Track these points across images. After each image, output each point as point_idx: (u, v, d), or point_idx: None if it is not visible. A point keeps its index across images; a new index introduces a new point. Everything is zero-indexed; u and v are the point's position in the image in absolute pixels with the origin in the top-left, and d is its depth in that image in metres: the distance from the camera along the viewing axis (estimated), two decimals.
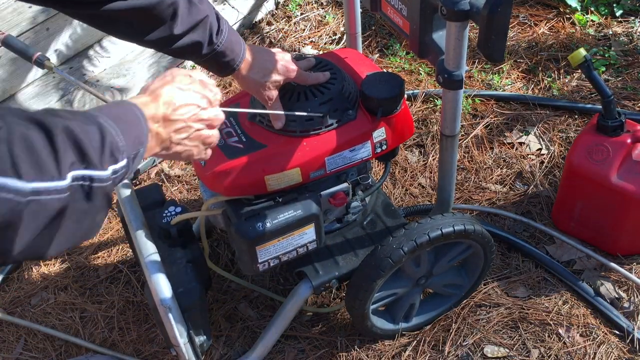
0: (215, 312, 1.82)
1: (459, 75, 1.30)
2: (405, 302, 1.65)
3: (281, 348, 1.73)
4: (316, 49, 2.72)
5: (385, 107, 1.41)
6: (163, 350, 1.76)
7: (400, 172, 2.18)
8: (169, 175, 2.25)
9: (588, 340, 1.68)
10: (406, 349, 1.69)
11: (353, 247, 1.60)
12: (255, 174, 1.35)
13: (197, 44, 1.19)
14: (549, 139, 2.20)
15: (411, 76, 2.52)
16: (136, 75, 2.46)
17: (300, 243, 1.43)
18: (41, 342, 1.81)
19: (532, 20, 2.71)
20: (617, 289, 1.78)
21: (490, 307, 1.77)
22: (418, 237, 1.44)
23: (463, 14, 1.18)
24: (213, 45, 1.21)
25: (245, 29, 2.86)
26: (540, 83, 2.42)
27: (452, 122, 1.43)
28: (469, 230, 1.49)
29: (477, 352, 1.68)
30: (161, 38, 1.16)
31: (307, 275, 1.53)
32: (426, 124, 2.31)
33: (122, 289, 1.92)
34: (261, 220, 1.35)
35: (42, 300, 1.92)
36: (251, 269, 1.42)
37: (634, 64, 2.43)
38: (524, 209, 2.02)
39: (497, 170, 2.15)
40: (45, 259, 1.14)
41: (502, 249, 1.92)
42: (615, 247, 1.84)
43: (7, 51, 1.96)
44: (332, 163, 1.40)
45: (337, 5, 2.90)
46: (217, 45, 1.21)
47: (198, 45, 1.19)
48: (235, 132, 1.42)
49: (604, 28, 2.61)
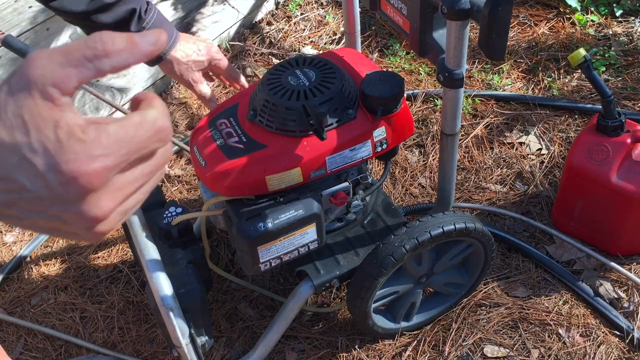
0: (215, 313, 1.82)
1: (460, 74, 1.31)
2: (407, 300, 1.65)
3: (281, 348, 1.73)
4: (316, 49, 2.72)
5: (385, 106, 1.41)
6: (163, 351, 1.76)
7: (400, 172, 2.18)
8: (169, 176, 2.25)
9: (588, 341, 1.68)
10: (406, 349, 1.69)
11: (354, 246, 1.60)
12: (256, 174, 1.35)
13: (126, 17, 1.17)
14: (549, 139, 2.20)
15: (411, 76, 2.52)
16: (136, 75, 2.46)
17: (301, 242, 1.43)
18: (41, 342, 1.81)
19: (532, 20, 2.71)
20: (617, 289, 1.78)
21: (490, 307, 1.77)
22: (420, 235, 1.44)
23: (464, 12, 1.18)
24: (142, 22, 1.19)
25: (245, 29, 2.86)
26: (540, 83, 2.42)
27: (452, 120, 1.43)
28: (470, 228, 1.49)
29: (477, 352, 1.68)
30: (91, 4, 1.13)
31: (308, 275, 1.53)
32: (426, 123, 2.31)
33: (122, 289, 1.92)
34: (262, 220, 1.35)
35: (42, 300, 1.92)
36: (252, 269, 1.41)
37: (634, 64, 2.43)
38: (524, 209, 2.02)
39: (497, 170, 2.15)
40: None
41: (502, 249, 1.92)
42: (615, 247, 1.84)
43: (7, 51, 1.96)
44: (333, 162, 1.40)
45: (337, 5, 2.90)
46: (146, 22, 1.20)
47: (126, 20, 1.17)
48: (236, 133, 1.42)
49: (604, 28, 2.61)
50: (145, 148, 0.49)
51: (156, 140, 0.49)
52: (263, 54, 2.72)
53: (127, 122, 0.48)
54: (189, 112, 2.50)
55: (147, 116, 0.49)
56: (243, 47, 2.75)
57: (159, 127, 0.49)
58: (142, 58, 0.50)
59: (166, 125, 0.50)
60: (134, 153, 0.48)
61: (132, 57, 0.49)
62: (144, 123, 0.49)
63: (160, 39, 0.51)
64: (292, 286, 1.76)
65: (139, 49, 0.49)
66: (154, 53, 0.51)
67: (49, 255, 2.04)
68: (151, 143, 0.49)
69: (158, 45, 0.51)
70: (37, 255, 2.05)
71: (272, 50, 2.73)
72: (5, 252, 2.07)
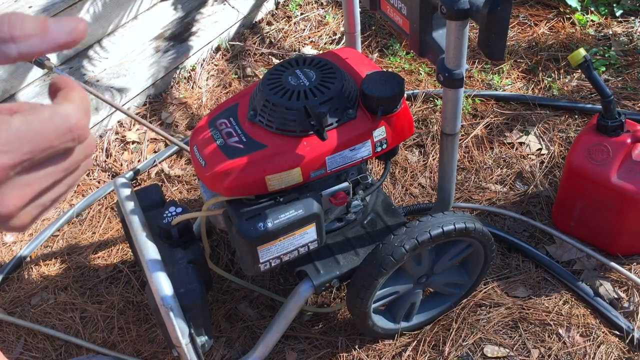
0: (215, 313, 1.82)
1: (460, 74, 1.31)
2: (406, 301, 1.65)
3: (281, 348, 1.73)
4: (316, 49, 2.72)
5: (385, 106, 1.41)
6: (163, 351, 1.76)
7: (400, 172, 2.18)
8: (169, 175, 2.25)
9: (588, 341, 1.68)
10: (406, 349, 1.69)
11: (354, 246, 1.60)
12: (256, 174, 1.35)
13: None
14: (549, 139, 2.20)
15: (411, 76, 2.52)
16: (136, 75, 2.46)
17: (301, 243, 1.43)
18: (41, 342, 1.81)
19: (532, 20, 2.71)
20: (617, 289, 1.78)
21: (490, 307, 1.77)
22: (419, 235, 1.44)
23: (463, 13, 1.18)
24: None
25: (245, 29, 2.86)
26: (540, 83, 2.42)
27: (452, 120, 1.43)
28: (470, 229, 1.49)
29: (477, 352, 1.68)
30: None
31: (308, 275, 1.53)
32: (426, 124, 2.31)
33: (122, 289, 1.92)
34: (262, 220, 1.35)
35: (42, 300, 1.92)
36: (252, 269, 1.41)
37: (634, 64, 2.43)
38: (524, 209, 2.02)
39: (497, 170, 2.15)
40: None
41: (502, 249, 1.92)
42: (615, 247, 1.84)
43: None
44: (333, 162, 1.40)
45: (337, 5, 2.90)
46: None
47: None
48: (236, 133, 1.42)
49: (604, 28, 2.61)
50: (53, 147, 0.43)
51: (68, 140, 0.44)
52: (263, 54, 2.72)
53: (34, 116, 0.42)
54: (189, 112, 2.50)
55: (59, 111, 0.44)
56: (243, 47, 2.75)
57: (71, 125, 0.44)
58: (54, 47, 0.45)
59: (81, 124, 0.44)
60: (39, 152, 0.42)
61: (42, 45, 0.44)
62: (54, 119, 0.43)
63: (77, 28, 0.45)
64: (292, 286, 1.76)
65: (51, 36, 0.44)
66: (68, 45, 0.45)
67: (49, 255, 2.04)
68: (61, 142, 0.44)
69: (74, 36, 0.45)
70: (37, 255, 2.05)
71: (272, 50, 2.73)
72: (5, 252, 2.07)
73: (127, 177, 2.15)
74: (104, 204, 2.19)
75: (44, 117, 0.42)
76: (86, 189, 2.25)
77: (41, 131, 0.42)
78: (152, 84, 2.53)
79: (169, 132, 2.40)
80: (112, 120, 2.44)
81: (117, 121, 2.46)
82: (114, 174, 2.30)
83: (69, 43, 0.45)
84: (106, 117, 2.41)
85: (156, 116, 2.50)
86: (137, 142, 2.40)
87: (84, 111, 0.45)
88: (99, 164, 2.33)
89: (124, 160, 2.34)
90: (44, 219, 2.16)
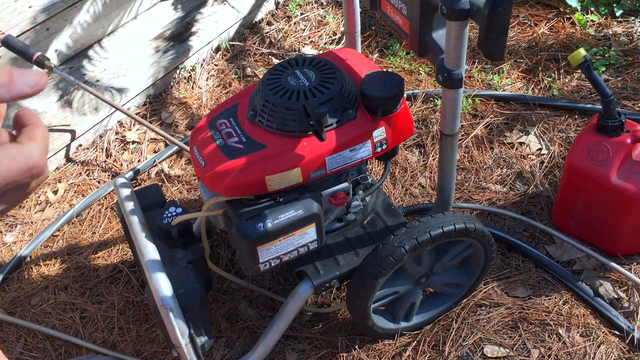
0: (215, 313, 1.82)
1: (459, 74, 1.30)
2: (406, 301, 1.65)
3: (281, 348, 1.73)
4: (316, 49, 2.72)
5: (385, 107, 1.40)
6: (163, 351, 1.76)
7: (400, 172, 2.18)
8: (169, 175, 2.25)
9: (588, 341, 1.68)
10: (406, 349, 1.69)
11: (354, 247, 1.60)
12: (256, 174, 1.35)
13: None
14: (549, 139, 2.20)
15: (411, 76, 2.52)
16: (136, 75, 2.46)
17: (301, 243, 1.42)
18: (41, 342, 1.81)
19: (532, 20, 2.71)
20: (617, 289, 1.78)
21: (490, 307, 1.77)
22: (419, 235, 1.44)
23: (463, 13, 1.18)
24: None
25: (245, 29, 2.86)
26: (540, 83, 2.42)
27: (451, 121, 1.43)
28: (470, 229, 1.49)
29: (477, 352, 1.68)
30: None
31: (308, 275, 1.53)
32: (426, 124, 2.31)
33: (122, 289, 1.92)
34: (262, 220, 1.35)
35: (42, 300, 1.92)
36: (252, 269, 1.41)
37: (634, 64, 2.43)
38: (524, 209, 2.02)
39: (497, 170, 2.15)
40: None
41: (502, 249, 1.92)
42: (615, 247, 1.84)
43: (7, 51, 1.96)
44: (333, 163, 1.40)
45: (337, 5, 2.90)
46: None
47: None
48: (236, 133, 1.42)
49: (604, 28, 2.61)
50: (15, 182, 0.48)
51: (28, 177, 0.49)
52: (263, 54, 2.72)
53: (2, 153, 0.48)
54: (189, 112, 2.50)
55: (23, 151, 0.49)
56: (243, 47, 2.75)
57: (33, 164, 0.49)
58: (17, 97, 0.49)
59: (41, 163, 0.50)
60: (3, 186, 0.48)
61: (7, 95, 0.49)
62: (18, 157, 0.48)
63: (40, 82, 0.50)
64: (292, 286, 1.76)
65: (15, 87, 0.49)
66: (29, 96, 0.50)
67: (49, 255, 2.04)
68: (23, 179, 0.49)
69: (36, 89, 0.50)
70: (37, 255, 2.05)
71: (272, 50, 2.73)
72: (5, 252, 2.07)
73: (127, 177, 2.15)
74: (104, 204, 2.19)
75: (10, 154, 0.48)
76: (86, 189, 2.25)
77: (8, 168, 0.48)
78: (152, 84, 2.53)
79: (169, 132, 2.40)
80: (112, 120, 2.45)
81: (117, 121, 2.46)
82: (114, 174, 2.30)
83: (31, 95, 0.50)
84: (106, 117, 2.41)
85: (156, 116, 2.50)
86: (137, 142, 2.40)
87: (43, 149, 0.51)
88: (99, 164, 2.33)
89: (124, 160, 2.34)
90: (44, 219, 2.16)
